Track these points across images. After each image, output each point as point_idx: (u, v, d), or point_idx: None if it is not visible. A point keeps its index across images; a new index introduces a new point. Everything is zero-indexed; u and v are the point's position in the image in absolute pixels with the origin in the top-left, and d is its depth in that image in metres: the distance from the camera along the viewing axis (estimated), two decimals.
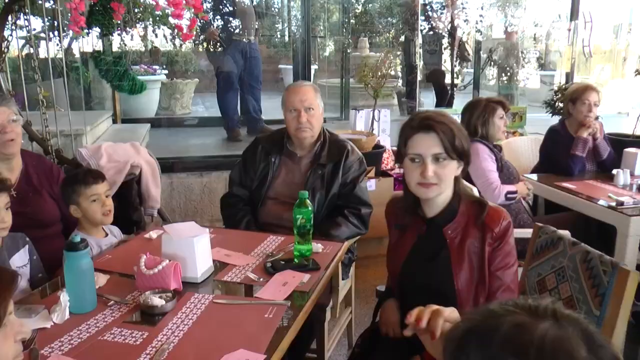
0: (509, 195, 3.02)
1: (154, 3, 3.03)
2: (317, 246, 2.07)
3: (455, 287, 1.69)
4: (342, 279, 2.52)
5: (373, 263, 3.85)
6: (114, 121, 5.39)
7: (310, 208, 1.97)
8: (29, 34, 2.99)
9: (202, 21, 4.53)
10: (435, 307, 1.24)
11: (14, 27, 2.98)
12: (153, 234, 2.20)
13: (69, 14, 3.37)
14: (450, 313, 1.24)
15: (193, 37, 2.34)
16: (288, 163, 2.62)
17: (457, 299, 1.69)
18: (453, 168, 1.69)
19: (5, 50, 2.93)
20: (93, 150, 2.80)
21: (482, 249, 1.70)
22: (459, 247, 1.71)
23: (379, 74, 4.10)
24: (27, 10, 2.84)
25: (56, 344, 1.44)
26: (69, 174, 2.33)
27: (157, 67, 6.94)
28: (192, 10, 2.44)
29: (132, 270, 1.82)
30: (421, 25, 7.07)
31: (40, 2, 3.18)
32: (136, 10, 4.17)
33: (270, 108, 6.67)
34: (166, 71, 7.32)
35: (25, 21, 3.07)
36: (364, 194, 2.63)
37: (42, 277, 2.04)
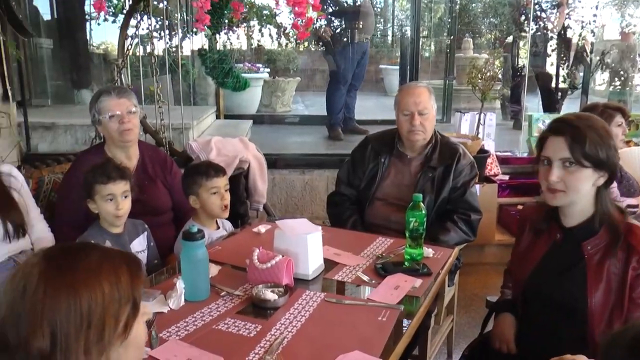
0: (629, 209, 2.79)
1: (266, 2, 3.08)
2: (428, 251, 2.01)
3: (588, 306, 1.56)
4: (448, 286, 2.43)
5: (474, 271, 3.71)
6: (217, 116, 5.55)
7: (423, 211, 1.91)
8: (149, 32, 3.12)
9: (319, 20, 4.55)
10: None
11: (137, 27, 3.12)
12: (262, 228, 2.22)
13: (177, 14, 3.51)
14: None
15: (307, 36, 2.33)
16: (398, 164, 2.56)
17: (588, 320, 1.56)
18: (585, 177, 1.56)
19: (130, 47, 3.07)
20: (203, 143, 2.88)
21: (624, 271, 1.55)
22: (597, 265, 1.58)
23: (488, 75, 3.94)
24: (149, 11, 2.97)
25: (173, 329, 1.48)
26: (191, 165, 2.40)
27: (260, 65, 7.08)
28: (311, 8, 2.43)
29: (242, 262, 1.84)
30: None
31: (156, 2, 3.32)
32: (244, 10, 4.29)
33: (371, 108, 6.63)
34: (268, 69, 7.46)
35: (143, 22, 3.21)
36: (475, 199, 2.53)
37: (157, 263, 2.12)
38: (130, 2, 3.18)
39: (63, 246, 1.01)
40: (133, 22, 3.24)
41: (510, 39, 7.06)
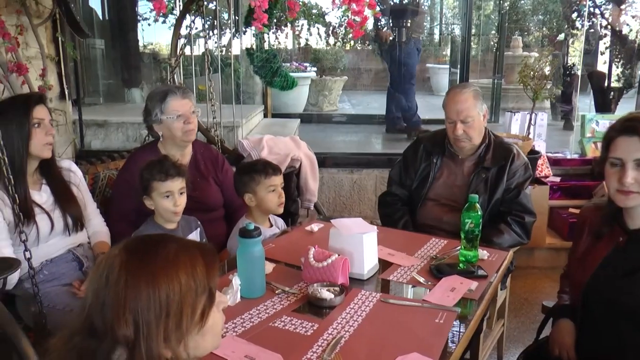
0: None
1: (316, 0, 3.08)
2: (483, 253, 1.97)
3: None
4: (500, 289, 2.38)
5: (523, 275, 3.63)
6: (265, 115, 5.58)
7: (479, 213, 1.88)
8: (202, 32, 3.17)
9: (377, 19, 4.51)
10: None
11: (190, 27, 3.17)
12: (314, 226, 2.22)
13: (225, 14, 3.54)
14: None
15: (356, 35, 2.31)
16: (450, 164, 2.53)
17: None
18: None
19: (183, 47, 3.12)
20: (254, 142, 2.90)
21: None
22: None
23: (540, 74, 3.84)
24: (202, 11, 3.01)
25: (229, 325, 1.49)
26: (247, 163, 2.42)
27: (307, 64, 7.10)
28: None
29: (296, 260, 1.85)
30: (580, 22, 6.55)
31: (205, 2, 3.36)
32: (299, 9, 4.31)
33: (419, 108, 6.57)
34: (315, 68, 7.47)
35: (194, 22, 3.25)
36: (529, 201, 2.47)
37: None
38: (183, 3, 3.22)
39: (142, 238, 1.05)
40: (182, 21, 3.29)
41: (561, 36, 6.86)
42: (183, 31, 3.31)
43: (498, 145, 2.50)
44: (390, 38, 5.29)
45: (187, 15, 3.20)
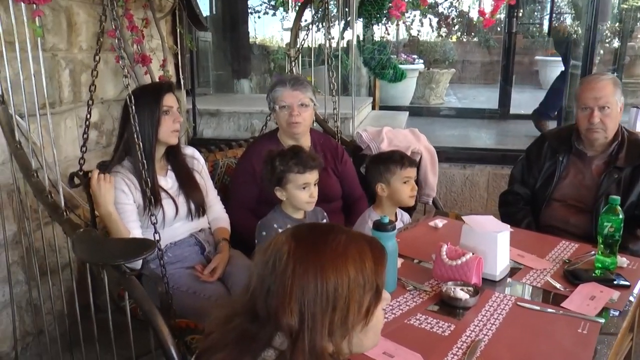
0: None
1: None
2: (622, 260, 1.86)
3: None
4: None
5: None
6: (372, 107, 5.55)
7: (621, 216, 1.77)
8: (324, 24, 3.18)
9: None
10: None
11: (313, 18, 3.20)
12: (438, 222, 2.20)
13: (338, 6, 3.53)
14: None
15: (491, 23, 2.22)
16: (577, 163, 2.40)
17: None
18: None
19: (304, 38, 3.17)
20: (373, 133, 2.88)
21: None
22: None
23: None
24: (325, 2, 3.04)
25: None
26: (381, 153, 2.40)
27: (415, 56, 6.98)
28: None
29: (422, 256, 1.83)
30: None
31: None
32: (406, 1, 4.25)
33: (527, 101, 6.31)
34: (422, 60, 7.33)
35: (318, 12, 3.26)
36: None
37: None
38: None
39: (310, 227, 1.03)
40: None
41: None
42: (308, 22, 3.34)
43: (633, 143, 2.34)
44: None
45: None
